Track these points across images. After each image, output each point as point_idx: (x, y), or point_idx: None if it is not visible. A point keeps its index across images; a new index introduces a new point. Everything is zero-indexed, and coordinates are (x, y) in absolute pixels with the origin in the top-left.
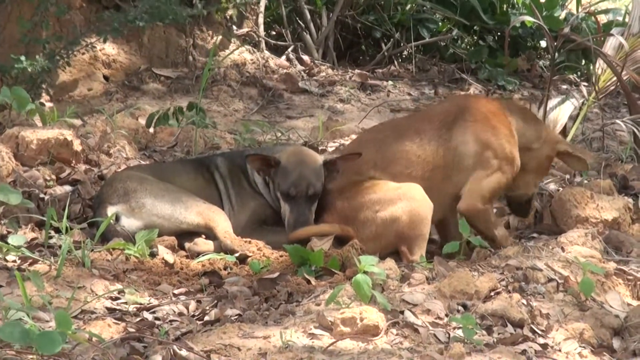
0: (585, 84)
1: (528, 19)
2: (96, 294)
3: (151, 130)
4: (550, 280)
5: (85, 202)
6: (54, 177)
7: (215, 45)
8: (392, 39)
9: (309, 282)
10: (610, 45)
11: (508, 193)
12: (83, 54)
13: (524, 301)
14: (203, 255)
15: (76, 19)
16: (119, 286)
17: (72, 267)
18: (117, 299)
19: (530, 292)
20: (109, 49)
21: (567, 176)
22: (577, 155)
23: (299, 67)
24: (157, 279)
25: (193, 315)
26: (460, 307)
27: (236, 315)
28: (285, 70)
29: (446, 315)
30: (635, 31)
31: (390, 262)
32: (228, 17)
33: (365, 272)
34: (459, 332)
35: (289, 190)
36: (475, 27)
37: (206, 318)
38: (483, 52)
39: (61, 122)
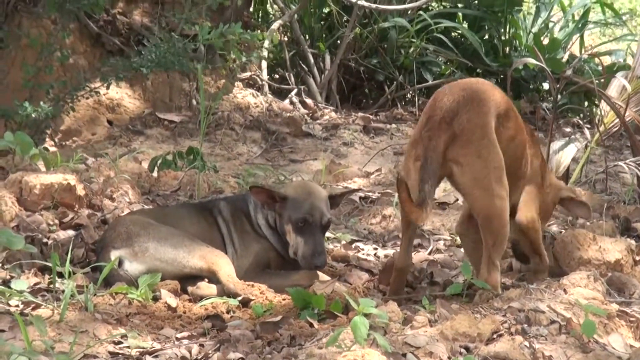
0: (588, 126)
1: (530, 61)
2: (99, 339)
3: (155, 174)
4: (552, 322)
5: (88, 246)
6: (57, 221)
7: (200, 84)
8: (395, 82)
9: (311, 325)
10: (613, 88)
11: (514, 237)
12: (87, 98)
13: (527, 343)
14: (206, 299)
15: (80, 63)
16: (121, 330)
17: (75, 311)
18: (119, 343)
19: (532, 334)
20: (112, 93)
21: (570, 218)
22: (580, 201)
23: (303, 110)
24: (160, 323)
25: (196, 359)
26: (462, 350)
27: (239, 358)
28: (288, 114)
29: (449, 357)
30: None
31: (392, 305)
32: (231, 60)
33: (365, 315)
34: None
35: (305, 219)
36: (478, 70)
37: None
38: None
39: (64, 167)
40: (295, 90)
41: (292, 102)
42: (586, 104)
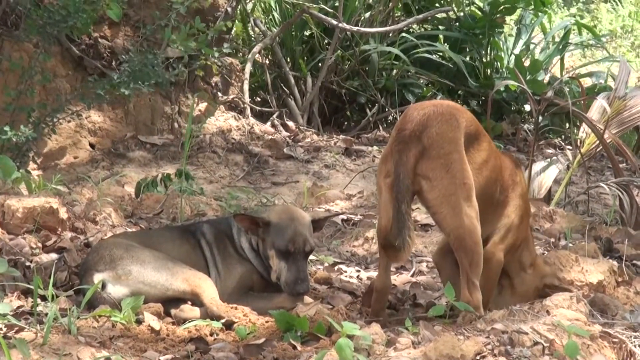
0: (570, 147)
1: (512, 83)
2: None
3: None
4: (536, 343)
5: (71, 269)
6: (40, 245)
7: (192, 109)
8: (376, 104)
9: (295, 347)
10: (595, 109)
11: None
12: (69, 122)
13: None
14: (189, 322)
15: (62, 87)
16: (105, 353)
17: (59, 334)
18: None
19: (516, 356)
20: (94, 116)
21: (552, 240)
22: (564, 288)
23: (284, 133)
24: (143, 346)
25: None
26: None
27: None
28: (270, 137)
29: None
30: (621, 94)
31: (375, 327)
32: (213, 83)
33: (349, 337)
34: None
35: (287, 247)
36: (459, 92)
37: None
38: None
39: (47, 191)
40: (277, 113)
41: (273, 125)
42: (567, 125)
